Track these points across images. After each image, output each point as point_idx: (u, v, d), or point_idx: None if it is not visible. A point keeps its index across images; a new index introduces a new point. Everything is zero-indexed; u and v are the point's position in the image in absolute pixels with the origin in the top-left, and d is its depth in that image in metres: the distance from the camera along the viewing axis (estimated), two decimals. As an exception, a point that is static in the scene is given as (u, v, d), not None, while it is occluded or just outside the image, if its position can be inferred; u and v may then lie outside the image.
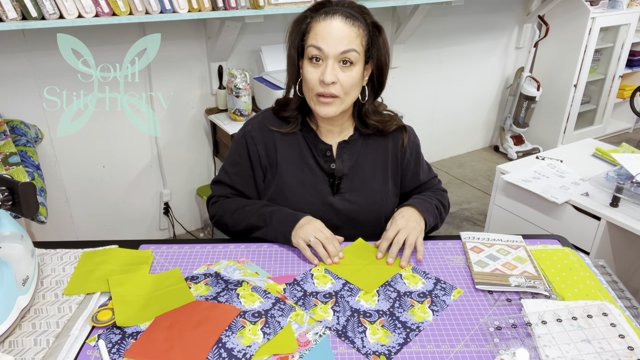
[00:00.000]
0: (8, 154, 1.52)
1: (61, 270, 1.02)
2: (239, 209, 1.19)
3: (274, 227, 1.13)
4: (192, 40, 2.27)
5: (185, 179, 2.55)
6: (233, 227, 1.20)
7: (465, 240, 1.16)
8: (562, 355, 0.82)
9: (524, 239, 1.18)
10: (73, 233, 2.31)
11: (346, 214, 1.19)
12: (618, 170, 1.70)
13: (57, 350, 0.82)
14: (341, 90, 1.07)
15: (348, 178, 1.20)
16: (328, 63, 1.04)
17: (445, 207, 1.29)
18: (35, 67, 1.94)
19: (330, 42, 1.03)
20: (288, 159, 1.19)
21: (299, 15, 1.10)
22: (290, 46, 1.11)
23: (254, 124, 1.21)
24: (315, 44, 1.04)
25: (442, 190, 1.32)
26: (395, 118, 1.22)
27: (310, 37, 1.05)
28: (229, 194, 1.24)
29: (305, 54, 1.07)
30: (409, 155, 1.25)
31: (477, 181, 3.28)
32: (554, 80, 3.41)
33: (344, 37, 1.03)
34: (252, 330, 0.88)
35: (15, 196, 0.83)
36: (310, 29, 1.06)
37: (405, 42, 2.93)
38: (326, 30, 1.03)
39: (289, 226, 1.11)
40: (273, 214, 1.14)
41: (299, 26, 1.08)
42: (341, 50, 1.03)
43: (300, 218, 1.12)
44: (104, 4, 1.67)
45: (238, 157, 1.21)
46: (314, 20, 1.05)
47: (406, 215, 1.14)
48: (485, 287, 0.99)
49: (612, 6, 3.31)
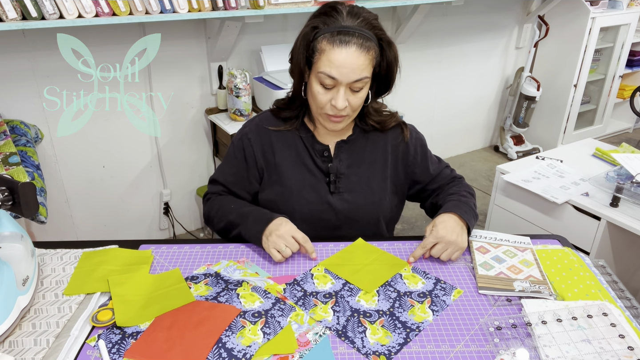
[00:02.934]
0: (8, 154, 1.52)
1: (61, 270, 1.02)
2: (224, 207, 1.20)
3: (248, 226, 1.13)
4: (192, 40, 2.27)
5: (185, 179, 2.55)
6: (217, 224, 1.21)
7: (472, 238, 1.15)
8: (562, 355, 0.82)
9: (524, 239, 1.18)
10: (73, 233, 2.31)
11: (345, 213, 1.19)
12: (618, 170, 1.70)
13: (57, 350, 0.82)
14: (350, 110, 1.09)
15: (346, 177, 1.20)
16: (340, 90, 1.04)
17: (474, 195, 1.25)
18: (35, 67, 1.94)
19: (344, 72, 1.02)
20: (286, 160, 1.19)
21: (308, 28, 1.06)
22: (299, 59, 1.07)
23: (251, 126, 1.22)
24: (329, 74, 1.02)
25: (459, 178, 1.30)
26: (394, 115, 1.22)
27: (322, 62, 1.03)
28: (221, 192, 1.24)
29: (316, 76, 1.06)
30: (413, 151, 1.24)
31: (477, 181, 3.28)
32: (554, 80, 3.41)
33: (357, 68, 1.02)
34: (252, 330, 0.88)
35: (15, 196, 0.83)
36: (322, 51, 1.03)
37: (405, 42, 2.93)
38: (340, 59, 1.01)
39: (261, 225, 1.10)
40: (250, 213, 1.15)
41: (308, 40, 1.05)
42: (354, 80, 1.03)
43: (275, 218, 1.11)
44: (104, 4, 1.67)
45: (234, 157, 1.22)
46: (327, 42, 1.02)
47: (448, 226, 1.08)
48: (488, 292, 0.98)
49: (612, 6, 3.31)
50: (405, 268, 1.07)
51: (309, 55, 1.06)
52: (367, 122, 1.19)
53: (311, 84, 1.08)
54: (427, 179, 1.28)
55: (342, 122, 1.12)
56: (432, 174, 1.27)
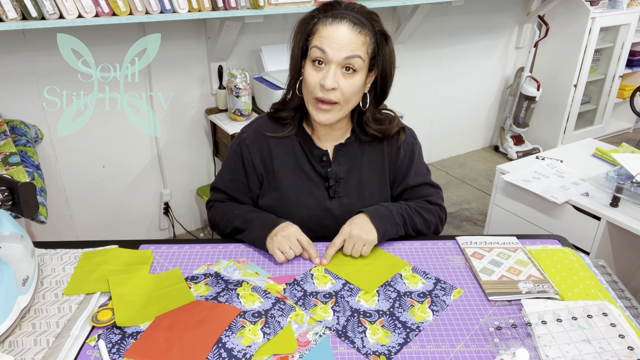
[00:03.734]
0: (8, 154, 1.52)
1: (61, 270, 1.02)
2: (228, 213, 1.20)
3: (253, 231, 1.13)
4: (192, 40, 2.27)
5: (185, 179, 2.55)
6: (223, 230, 1.23)
7: (464, 246, 1.14)
8: (562, 355, 0.82)
9: (524, 238, 1.18)
10: (73, 233, 2.31)
11: (344, 218, 1.15)
12: (618, 170, 1.70)
13: (57, 350, 0.82)
14: (341, 96, 1.05)
15: (345, 182, 1.18)
16: (330, 68, 1.02)
17: (427, 221, 1.20)
18: (35, 67, 1.94)
19: (335, 47, 1.01)
20: (284, 166, 1.18)
21: (306, 14, 1.08)
22: (294, 45, 1.09)
23: (249, 131, 1.20)
24: (320, 46, 1.02)
25: (433, 203, 1.23)
26: (394, 120, 1.19)
27: (315, 39, 1.04)
28: (224, 199, 1.25)
29: (309, 55, 1.05)
30: (402, 155, 1.21)
31: (477, 181, 3.28)
32: (554, 80, 3.41)
33: (349, 43, 1.01)
34: (252, 330, 0.88)
35: (15, 196, 0.83)
36: (316, 31, 1.04)
37: (405, 42, 2.93)
38: (332, 34, 1.01)
39: (266, 230, 1.11)
40: (255, 219, 1.15)
41: (305, 25, 1.07)
42: (345, 56, 1.01)
43: (279, 223, 1.12)
44: (104, 4, 1.67)
45: (233, 164, 1.22)
46: (321, 22, 1.04)
47: (354, 222, 1.10)
48: (498, 298, 0.98)
49: (612, 6, 3.31)
50: (405, 268, 1.07)
51: (305, 40, 1.06)
52: (368, 132, 1.16)
53: (305, 72, 1.07)
54: (402, 188, 1.23)
55: (331, 112, 1.07)
56: (409, 184, 1.22)
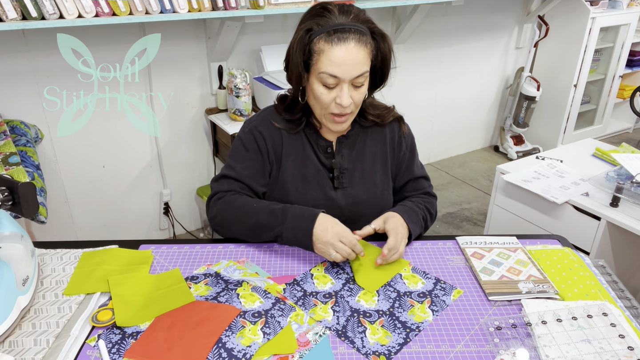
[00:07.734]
0: (8, 154, 1.52)
1: (61, 270, 1.02)
2: (246, 206, 1.12)
3: (291, 224, 1.07)
4: (192, 40, 2.27)
5: (185, 179, 2.55)
6: (237, 225, 1.13)
7: (464, 246, 1.15)
8: (562, 355, 0.82)
9: (524, 238, 1.18)
10: (73, 233, 2.31)
11: (349, 208, 1.20)
12: (618, 170, 1.70)
13: (57, 350, 0.82)
14: (354, 107, 1.09)
15: (349, 172, 1.20)
16: (343, 87, 1.04)
17: (432, 216, 1.27)
18: (35, 67, 1.94)
19: (346, 68, 1.02)
20: (292, 155, 1.19)
21: (301, 31, 1.04)
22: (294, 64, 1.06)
23: (258, 120, 1.20)
24: (331, 72, 1.02)
25: (432, 195, 1.30)
26: (391, 110, 1.23)
27: (322, 62, 1.02)
28: (237, 188, 1.16)
29: (317, 77, 1.05)
30: (405, 147, 1.25)
31: (477, 181, 3.28)
32: (554, 80, 3.41)
33: (358, 63, 1.02)
34: (252, 330, 0.88)
35: (15, 196, 0.83)
36: (321, 51, 1.02)
37: (405, 42, 2.93)
38: (341, 57, 1.01)
39: (309, 222, 1.06)
40: (287, 211, 1.09)
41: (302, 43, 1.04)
42: (355, 75, 1.03)
43: (317, 214, 1.07)
44: (104, 4, 1.67)
45: (245, 151, 1.17)
46: (325, 43, 1.01)
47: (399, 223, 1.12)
48: (498, 298, 0.98)
49: (612, 6, 3.31)
50: (405, 268, 1.07)
51: (307, 58, 1.05)
52: (367, 118, 1.20)
53: (312, 87, 1.07)
54: (407, 178, 1.27)
55: (346, 122, 1.12)
56: (415, 174, 1.27)
